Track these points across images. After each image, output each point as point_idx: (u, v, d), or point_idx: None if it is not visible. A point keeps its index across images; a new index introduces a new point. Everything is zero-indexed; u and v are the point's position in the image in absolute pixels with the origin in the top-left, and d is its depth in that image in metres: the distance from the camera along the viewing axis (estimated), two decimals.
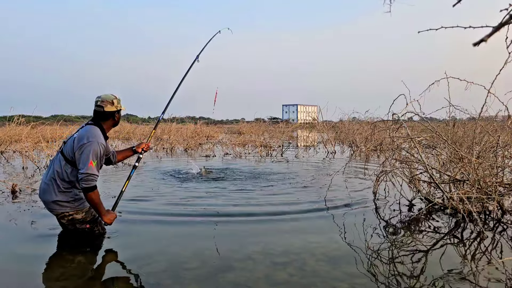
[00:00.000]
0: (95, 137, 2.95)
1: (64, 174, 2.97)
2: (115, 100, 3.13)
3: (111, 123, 3.20)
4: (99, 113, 3.10)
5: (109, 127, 3.19)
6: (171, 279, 2.46)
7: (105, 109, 3.08)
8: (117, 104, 3.14)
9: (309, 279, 2.44)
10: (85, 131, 3.00)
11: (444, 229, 3.56)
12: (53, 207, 3.01)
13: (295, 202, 4.72)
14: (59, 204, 2.99)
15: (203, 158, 10.47)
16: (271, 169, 7.87)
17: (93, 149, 2.90)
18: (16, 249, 3.10)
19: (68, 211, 3.02)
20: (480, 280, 2.40)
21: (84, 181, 2.85)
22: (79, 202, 3.05)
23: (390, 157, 4.89)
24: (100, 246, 3.10)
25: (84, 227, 3.11)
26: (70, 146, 2.98)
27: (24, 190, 5.48)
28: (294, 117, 66.57)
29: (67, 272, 2.62)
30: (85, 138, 2.92)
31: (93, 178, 2.89)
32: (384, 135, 8.92)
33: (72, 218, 3.05)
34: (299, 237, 3.34)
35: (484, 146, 4.60)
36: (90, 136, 2.94)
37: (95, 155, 2.91)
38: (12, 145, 12.98)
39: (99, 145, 2.94)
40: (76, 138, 2.97)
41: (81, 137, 2.95)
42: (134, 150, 3.54)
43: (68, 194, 3.00)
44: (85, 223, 3.10)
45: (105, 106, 3.08)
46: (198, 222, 3.83)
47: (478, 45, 0.96)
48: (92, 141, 2.91)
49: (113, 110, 3.12)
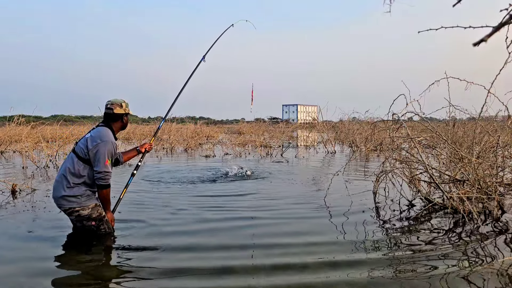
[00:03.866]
0: (107, 137, 3.17)
1: (75, 170, 3.13)
2: (124, 103, 3.35)
3: (120, 125, 3.40)
4: (109, 115, 3.31)
5: (118, 128, 3.40)
6: (172, 279, 2.46)
7: (115, 111, 3.29)
8: (125, 107, 3.35)
9: (309, 280, 2.44)
10: (97, 131, 3.21)
11: (444, 229, 3.56)
12: (62, 202, 3.14)
13: (295, 202, 4.72)
14: (67, 199, 3.12)
15: (203, 158, 10.47)
16: (271, 169, 7.87)
17: (108, 148, 3.11)
18: (16, 249, 3.09)
19: (75, 207, 3.14)
20: (480, 280, 2.40)
21: (102, 179, 3.09)
22: (85, 198, 3.17)
23: (390, 157, 4.89)
24: (102, 246, 3.10)
25: (90, 224, 3.20)
26: (84, 144, 3.16)
27: (24, 190, 5.48)
28: (294, 117, 66.54)
29: (67, 272, 2.62)
30: (98, 138, 3.12)
31: (109, 176, 3.14)
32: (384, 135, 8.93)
33: (78, 214, 3.16)
34: (299, 237, 3.34)
35: (484, 146, 4.61)
36: (104, 136, 3.15)
37: (109, 154, 3.13)
38: (12, 145, 12.98)
39: (112, 144, 3.16)
40: (90, 138, 3.17)
41: (94, 137, 3.14)
42: (138, 150, 3.74)
43: (76, 189, 3.13)
44: (91, 220, 3.19)
45: (115, 109, 3.29)
46: (199, 223, 3.83)
47: (478, 45, 0.96)
48: (106, 140, 3.12)
49: (121, 112, 3.32)
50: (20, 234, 3.46)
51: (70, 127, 15.18)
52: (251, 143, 15.19)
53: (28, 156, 8.66)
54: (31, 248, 3.09)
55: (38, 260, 2.83)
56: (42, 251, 3.00)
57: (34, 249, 3.07)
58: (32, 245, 3.16)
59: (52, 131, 12.61)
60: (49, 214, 4.04)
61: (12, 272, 2.61)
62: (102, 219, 3.23)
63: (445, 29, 2.16)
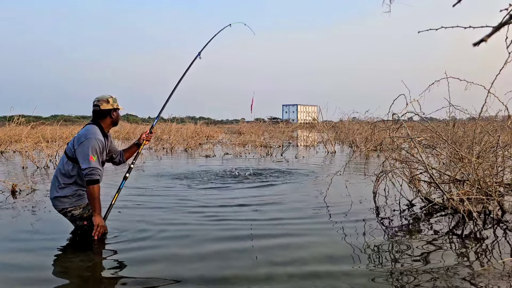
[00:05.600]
0: (92, 134, 3.10)
1: (65, 171, 3.13)
2: (111, 99, 3.26)
3: (109, 121, 3.30)
4: (96, 112, 3.24)
5: (107, 125, 3.31)
6: (170, 280, 2.46)
7: (101, 107, 3.22)
8: (112, 102, 3.26)
9: (309, 280, 2.43)
10: (84, 130, 3.19)
11: (444, 229, 3.55)
12: (55, 203, 3.17)
13: (295, 201, 4.72)
14: (59, 200, 3.14)
15: (203, 158, 10.47)
16: (270, 169, 7.87)
17: (92, 145, 3.05)
18: (16, 249, 3.09)
19: (67, 207, 3.15)
20: (480, 281, 2.40)
21: (88, 175, 3.01)
22: (76, 198, 3.17)
23: (390, 157, 4.89)
24: (100, 244, 3.10)
25: (82, 224, 3.20)
26: (71, 144, 3.18)
27: (24, 190, 5.48)
28: (294, 117, 66.55)
29: (67, 271, 2.63)
30: (83, 136, 3.10)
31: (95, 172, 3.02)
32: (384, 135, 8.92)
33: (71, 215, 3.18)
34: (299, 237, 3.34)
35: (484, 146, 4.60)
36: (88, 134, 3.12)
37: (94, 150, 3.05)
38: (12, 145, 12.99)
39: (96, 141, 3.08)
40: (76, 137, 3.15)
41: (80, 136, 3.13)
42: (137, 144, 3.59)
43: (67, 190, 3.14)
44: (83, 219, 3.19)
45: (101, 105, 3.22)
46: (198, 223, 3.83)
47: (478, 45, 0.96)
48: (90, 137, 3.07)
49: (109, 108, 3.23)
50: (20, 234, 3.46)
51: (70, 127, 15.20)
52: (251, 143, 15.19)
53: (28, 156, 8.66)
54: (31, 248, 3.09)
55: (38, 260, 2.83)
56: (42, 251, 3.00)
57: (34, 249, 3.07)
58: (32, 245, 3.16)
59: (52, 131, 12.59)
60: (49, 214, 4.04)
61: (12, 272, 2.61)
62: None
63: (445, 29, 2.16)
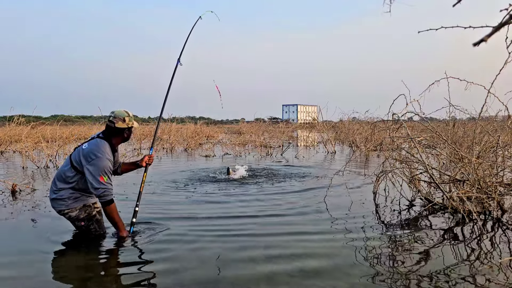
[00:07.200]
0: (103, 153, 3.05)
1: (65, 176, 3.14)
2: (127, 117, 3.20)
3: (121, 139, 3.28)
4: (110, 128, 3.19)
5: (118, 142, 3.30)
6: (171, 279, 2.46)
7: (116, 125, 3.16)
8: (128, 121, 3.20)
9: (309, 280, 2.43)
10: (94, 145, 3.09)
11: (444, 229, 3.55)
12: (53, 205, 3.20)
13: (295, 202, 4.72)
14: (56, 202, 3.17)
15: (203, 158, 10.47)
16: (270, 169, 7.87)
17: (103, 165, 3.02)
18: (16, 248, 3.10)
19: (64, 209, 3.17)
20: (480, 281, 2.40)
21: (101, 196, 3.02)
22: (72, 200, 3.18)
23: (390, 157, 4.89)
24: (101, 245, 3.10)
25: (80, 224, 3.23)
26: (78, 154, 3.11)
27: (24, 190, 5.48)
28: (294, 117, 66.58)
29: (67, 271, 2.63)
30: (92, 154, 3.03)
31: (108, 192, 3.03)
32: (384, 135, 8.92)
33: (69, 216, 3.20)
34: (300, 237, 3.34)
35: (484, 146, 4.61)
36: (98, 152, 3.04)
37: (103, 171, 3.03)
38: (12, 145, 12.99)
39: (107, 161, 3.06)
40: (85, 152, 3.06)
41: (90, 151, 3.05)
42: (137, 165, 3.58)
43: (63, 192, 3.14)
44: (80, 220, 3.21)
45: (116, 123, 3.16)
46: (198, 223, 3.83)
47: (478, 45, 0.96)
48: (100, 157, 3.03)
49: (123, 127, 3.19)
50: (20, 234, 3.46)
51: (70, 127, 15.19)
52: (251, 143, 15.19)
53: (28, 156, 8.66)
54: (31, 248, 3.09)
55: (38, 260, 2.83)
56: (42, 251, 3.00)
57: (34, 249, 3.07)
58: (32, 245, 3.16)
59: (52, 131, 12.58)
60: (49, 214, 4.04)
61: (12, 272, 2.61)
62: (91, 218, 3.25)
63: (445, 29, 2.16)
